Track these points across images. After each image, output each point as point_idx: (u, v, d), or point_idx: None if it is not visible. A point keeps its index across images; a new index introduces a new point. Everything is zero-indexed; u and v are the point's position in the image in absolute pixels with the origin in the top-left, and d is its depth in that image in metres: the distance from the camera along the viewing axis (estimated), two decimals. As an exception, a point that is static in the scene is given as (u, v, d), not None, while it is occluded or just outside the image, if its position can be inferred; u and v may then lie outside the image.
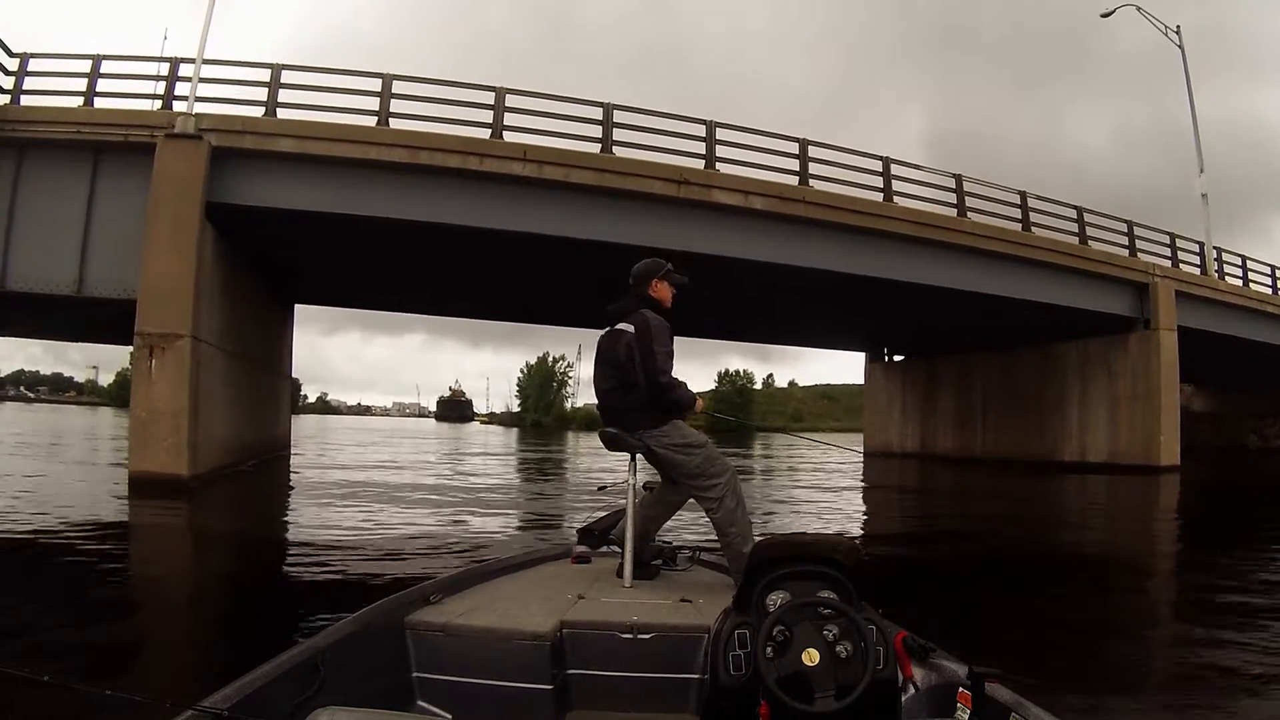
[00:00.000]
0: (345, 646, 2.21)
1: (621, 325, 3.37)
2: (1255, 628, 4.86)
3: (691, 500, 3.49)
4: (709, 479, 3.31)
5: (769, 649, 2.03)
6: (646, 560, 3.30)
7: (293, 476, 15.55)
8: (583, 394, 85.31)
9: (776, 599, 2.22)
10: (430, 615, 2.54)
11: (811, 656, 2.02)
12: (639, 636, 2.49)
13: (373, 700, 2.10)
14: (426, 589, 2.79)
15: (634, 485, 3.31)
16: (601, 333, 3.48)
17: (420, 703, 2.37)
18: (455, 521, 9.32)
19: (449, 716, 2.35)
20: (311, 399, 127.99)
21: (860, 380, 32.66)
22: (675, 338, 3.38)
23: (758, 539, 2.83)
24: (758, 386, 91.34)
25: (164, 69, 13.27)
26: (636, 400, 3.30)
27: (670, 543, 3.68)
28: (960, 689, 2.01)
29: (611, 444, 3.35)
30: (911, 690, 2.18)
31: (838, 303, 20.24)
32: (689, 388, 3.36)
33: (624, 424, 3.32)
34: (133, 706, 1.68)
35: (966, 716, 1.96)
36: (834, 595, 2.21)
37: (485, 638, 2.43)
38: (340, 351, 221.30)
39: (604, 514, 3.68)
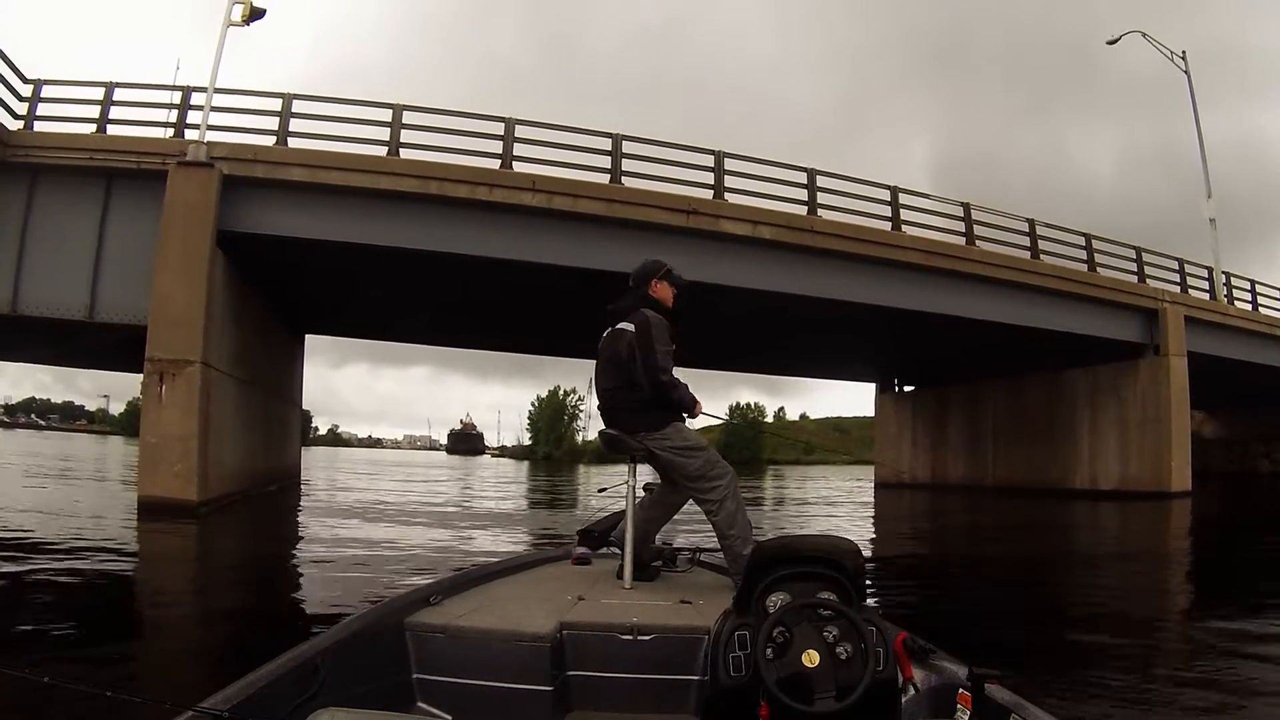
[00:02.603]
0: (345, 648, 2.21)
1: (622, 324, 3.41)
2: None
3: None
4: (709, 481, 3.31)
5: (769, 650, 2.04)
6: (646, 561, 3.30)
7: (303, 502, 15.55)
8: (593, 427, 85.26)
9: (776, 600, 2.22)
10: (430, 616, 2.54)
11: (811, 657, 2.02)
12: (639, 638, 2.48)
13: (373, 701, 2.09)
14: (426, 590, 2.79)
15: (633, 487, 3.32)
16: (604, 333, 3.51)
17: (420, 704, 2.36)
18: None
19: (449, 718, 2.34)
20: (323, 431, 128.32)
21: (871, 412, 32.54)
22: (685, 369, 3.41)
23: (758, 541, 2.83)
24: (769, 419, 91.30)
25: (176, 98, 13.55)
26: (638, 399, 3.32)
27: (670, 544, 3.67)
28: (960, 690, 2.00)
29: (612, 446, 3.36)
30: (911, 691, 2.16)
31: (847, 332, 20.19)
32: (689, 389, 3.37)
33: (625, 425, 3.34)
34: (133, 707, 1.67)
35: (966, 717, 1.94)
36: (834, 596, 2.21)
37: (485, 639, 2.42)
38: (349, 384, 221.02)
39: (604, 515, 3.68)
